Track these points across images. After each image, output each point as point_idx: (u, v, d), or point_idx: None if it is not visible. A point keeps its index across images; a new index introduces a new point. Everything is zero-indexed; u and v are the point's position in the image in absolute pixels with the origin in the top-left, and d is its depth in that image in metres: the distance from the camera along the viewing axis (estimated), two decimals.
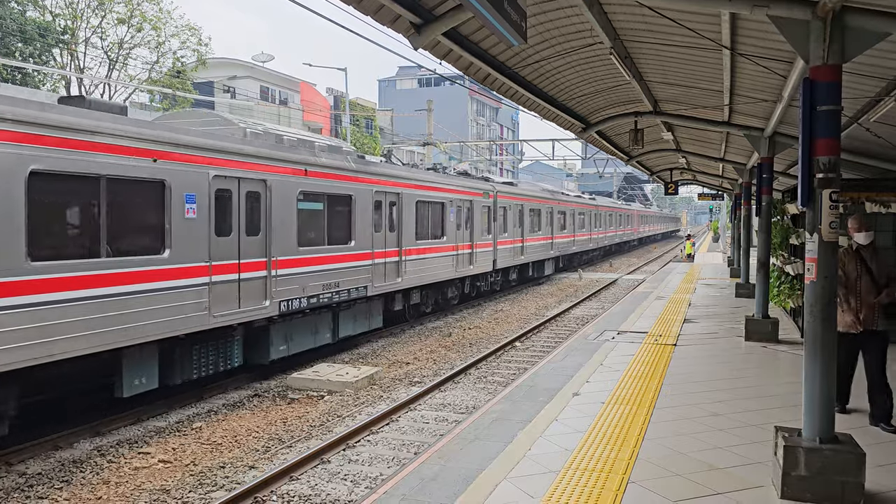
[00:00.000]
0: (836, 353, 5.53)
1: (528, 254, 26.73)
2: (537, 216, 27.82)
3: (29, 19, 29.74)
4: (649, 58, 9.74)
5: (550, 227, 29.66)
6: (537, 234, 27.87)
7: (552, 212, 29.89)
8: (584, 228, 37.02)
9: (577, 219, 35.00)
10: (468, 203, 20.52)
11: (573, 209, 34.34)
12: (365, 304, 14.92)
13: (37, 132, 7.98)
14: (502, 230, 23.72)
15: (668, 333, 13.26)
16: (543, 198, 29.06)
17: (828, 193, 5.37)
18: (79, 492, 7.47)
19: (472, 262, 20.59)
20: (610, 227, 46.37)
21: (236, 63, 42.75)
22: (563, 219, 32.14)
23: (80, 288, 8.41)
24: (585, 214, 37.53)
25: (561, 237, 31.50)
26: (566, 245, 32.94)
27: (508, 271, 25.93)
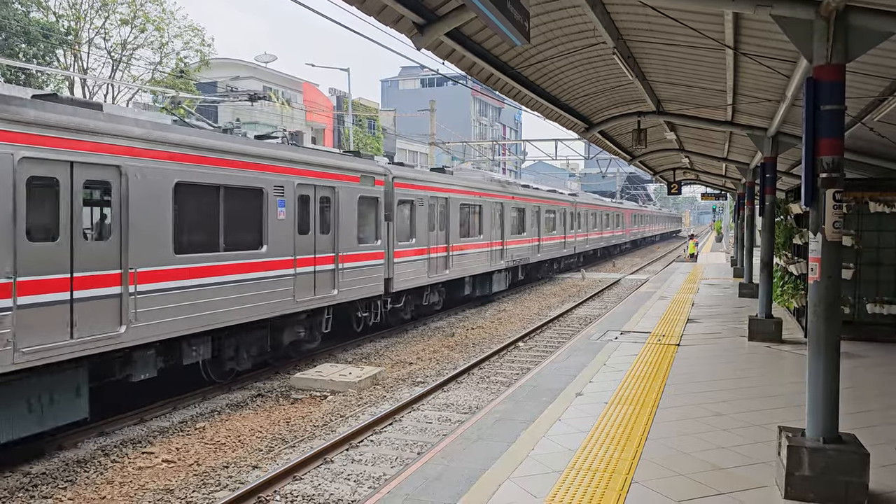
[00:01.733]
0: (839, 352, 5.52)
1: (461, 266, 19.92)
2: (475, 214, 21.41)
3: (32, 20, 29.80)
4: (652, 57, 9.74)
5: (500, 230, 23.25)
6: (474, 240, 21.07)
7: (502, 209, 23.43)
8: (555, 230, 30.36)
9: (543, 218, 28.37)
10: (328, 190, 13.53)
11: (537, 206, 27.62)
12: None
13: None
14: (406, 235, 16.81)
15: (672, 333, 13.25)
16: (486, 190, 22.34)
17: (831, 193, 5.36)
18: (83, 491, 7.49)
19: (314, 287, 12.96)
20: (594, 229, 39.51)
21: (239, 63, 42.79)
22: (522, 218, 25.79)
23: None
24: (557, 213, 30.86)
25: (518, 242, 25.06)
26: (526, 252, 26.12)
27: (421, 293, 18.10)
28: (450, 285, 19.94)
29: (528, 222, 26.38)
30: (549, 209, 29.67)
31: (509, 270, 24.53)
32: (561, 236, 31.59)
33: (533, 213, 27.11)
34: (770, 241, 12.90)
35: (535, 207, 27.34)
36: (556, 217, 30.67)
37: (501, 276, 23.78)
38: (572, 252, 34.19)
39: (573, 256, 35.48)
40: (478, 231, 21.49)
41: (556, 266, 32.38)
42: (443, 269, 18.79)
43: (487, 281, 22.48)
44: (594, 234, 39.73)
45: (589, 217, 38.01)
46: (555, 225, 30.51)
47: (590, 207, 38.46)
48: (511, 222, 24.37)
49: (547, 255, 29.31)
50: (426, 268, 17.81)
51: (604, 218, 42.69)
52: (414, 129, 58.25)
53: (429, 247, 17.87)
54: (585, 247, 37.47)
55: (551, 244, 29.96)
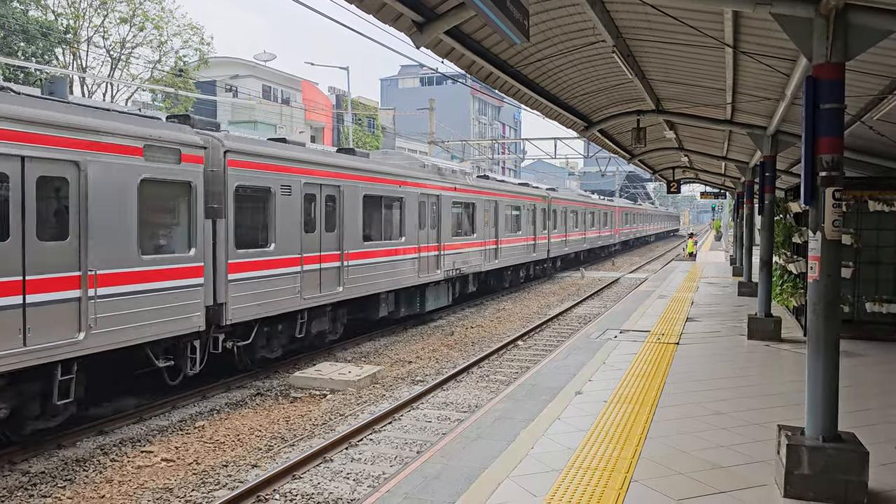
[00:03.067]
0: (838, 351, 5.52)
1: (366, 279, 14.64)
2: (392, 209, 16.04)
3: (31, 18, 29.77)
4: (652, 56, 9.73)
5: (436, 231, 18.15)
6: (390, 244, 15.70)
7: (438, 204, 18.11)
8: (520, 231, 25.54)
9: (503, 216, 23.59)
10: None
11: (493, 201, 22.55)
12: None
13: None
14: (252, 241, 11.58)
15: (671, 332, 13.25)
16: (411, 178, 16.75)
17: (831, 192, 5.36)
18: (82, 490, 7.48)
19: None
20: (575, 229, 34.40)
21: (238, 62, 42.78)
22: (471, 215, 20.68)
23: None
24: (524, 210, 25.96)
25: (464, 245, 19.99)
26: (477, 257, 21.05)
27: (294, 320, 12.68)
28: (351, 305, 14.71)
29: (481, 221, 21.39)
30: (513, 205, 24.94)
31: (452, 282, 19.62)
32: (529, 237, 26.67)
33: (488, 209, 22.19)
34: (769, 239, 12.90)
35: (489, 203, 22.33)
36: (521, 215, 25.80)
37: (440, 290, 18.71)
38: (545, 256, 29.03)
39: (546, 261, 30.17)
40: (397, 232, 16.14)
41: (524, 273, 27.13)
42: (333, 286, 13.33)
43: (416, 297, 17.53)
44: (575, 235, 34.48)
45: (569, 215, 33.13)
46: (520, 224, 25.68)
47: (570, 204, 33.61)
48: (453, 221, 19.28)
49: (509, 260, 24.26)
50: (298, 284, 12.27)
51: (588, 216, 37.70)
52: (413, 127, 58.24)
53: (302, 256, 12.38)
54: (563, 250, 32.25)
55: (514, 247, 24.92)
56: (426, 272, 17.52)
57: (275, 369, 12.71)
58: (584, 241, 37.04)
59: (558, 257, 32.43)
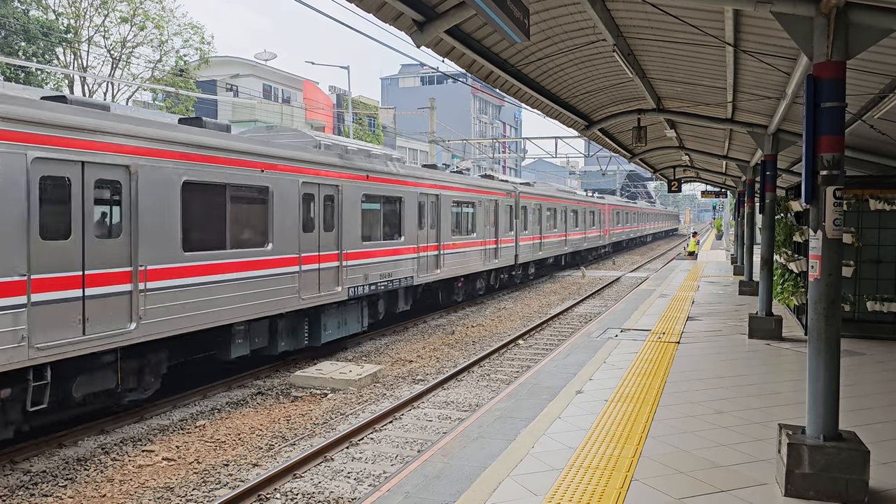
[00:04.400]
0: (839, 350, 5.52)
1: (208, 303, 10.38)
2: (246, 205, 11.52)
3: (32, 18, 29.79)
4: (652, 55, 9.72)
5: (335, 234, 13.75)
6: (252, 254, 11.36)
7: (337, 198, 13.71)
8: (473, 233, 20.89)
9: (445, 214, 18.80)
10: None
11: (434, 195, 18.10)
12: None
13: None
14: None
15: (672, 331, 13.25)
16: (291, 161, 12.41)
17: (832, 190, 5.35)
18: (83, 489, 7.49)
19: None
20: (553, 230, 29.83)
21: (239, 61, 42.79)
22: (395, 214, 16.25)
23: None
24: (479, 207, 21.33)
25: (382, 252, 15.40)
26: (407, 267, 16.57)
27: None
28: (173, 345, 10.32)
29: (412, 221, 16.84)
30: (463, 200, 20.09)
31: (367, 300, 15.22)
32: (488, 241, 22.11)
33: (424, 206, 17.56)
34: (770, 238, 12.90)
35: (426, 198, 17.69)
36: (477, 213, 21.19)
37: (347, 313, 14.37)
38: (511, 262, 24.48)
39: (514, 268, 25.77)
40: (259, 237, 11.59)
41: (483, 284, 22.86)
42: (122, 320, 8.92)
43: (303, 324, 13.08)
44: (552, 237, 29.61)
45: (544, 214, 28.42)
46: (473, 225, 20.96)
47: (545, 201, 28.70)
48: (366, 221, 14.80)
49: (457, 269, 19.62)
50: (73, 317, 8.30)
51: (570, 215, 32.94)
52: (414, 126, 58.25)
53: (83, 272, 8.46)
54: (536, 254, 27.33)
55: (466, 254, 20.26)
56: (314, 290, 12.83)
57: (276, 368, 12.73)
58: (566, 243, 32.20)
59: (530, 263, 27.48)
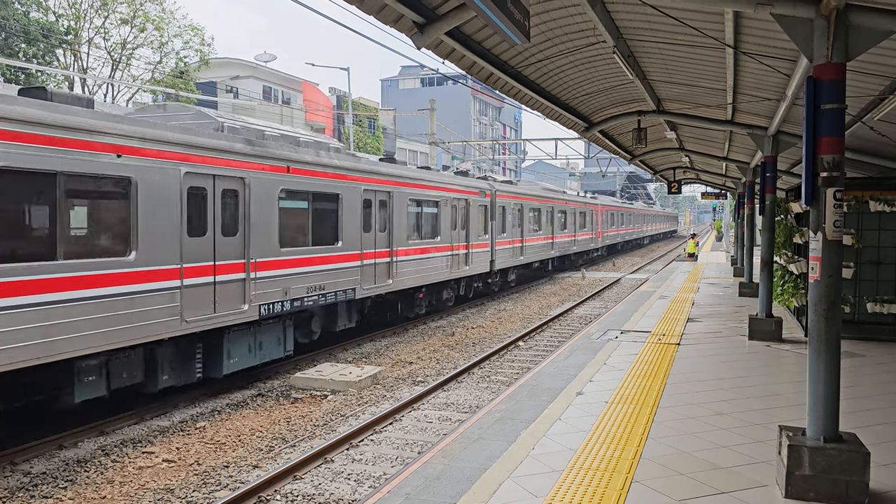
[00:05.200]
0: (839, 351, 5.52)
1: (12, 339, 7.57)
2: (102, 201, 9.12)
3: (32, 20, 29.81)
4: (652, 56, 9.73)
5: (241, 238, 11.23)
6: (112, 264, 8.87)
7: (244, 191, 11.27)
8: (437, 237, 18.14)
9: (398, 214, 16.04)
10: None
11: (371, 190, 14.90)
12: None
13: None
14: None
15: (672, 332, 13.25)
16: (159, 144, 9.59)
17: (832, 192, 5.36)
18: (83, 491, 7.49)
19: None
20: (536, 233, 27.29)
21: (239, 63, 42.82)
22: (319, 214, 13.35)
23: None
24: (444, 207, 18.49)
25: (303, 261, 12.70)
26: (340, 280, 13.78)
27: None
28: None
29: (352, 222, 14.12)
30: (422, 199, 17.29)
31: (290, 319, 12.62)
32: (457, 245, 19.27)
33: (367, 204, 14.70)
34: (770, 240, 12.90)
35: (373, 194, 14.93)
36: (441, 213, 18.30)
37: (266, 335, 11.92)
38: (485, 269, 21.68)
39: (490, 275, 22.73)
40: (122, 245, 9.20)
41: (451, 294, 19.77)
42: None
43: (195, 351, 10.63)
44: (535, 240, 27.04)
45: (526, 215, 25.71)
46: (436, 227, 18.13)
47: (526, 200, 25.92)
48: (285, 222, 12.22)
49: (414, 278, 16.85)
50: None
51: (557, 216, 30.16)
52: (414, 128, 58.25)
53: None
54: (517, 259, 24.83)
55: (427, 261, 17.49)
56: (206, 310, 10.30)
57: (276, 370, 12.73)
58: (552, 247, 29.41)
59: (510, 269, 24.91)
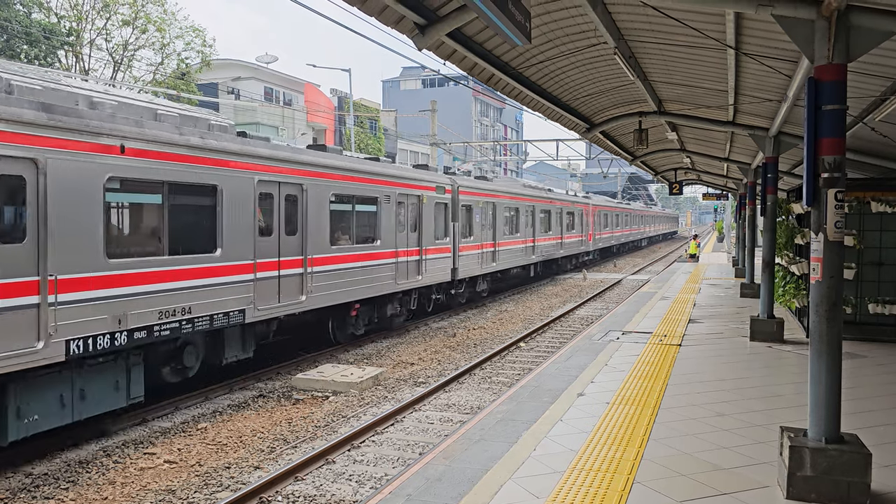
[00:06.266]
0: (841, 353, 5.51)
1: None
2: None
3: (34, 21, 29.86)
4: (653, 57, 9.74)
5: (34, 252, 7.92)
6: None
7: (75, 184, 8.39)
8: (373, 241, 14.94)
9: (315, 213, 13.06)
10: None
11: (276, 182, 11.99)
12: None
13: None
14: None
15: (673, 333, 13.24)
16: None
17: (833, 193, 5.36)
18: (85, 492, 7.49)
19: None
20: (513, 234, 24.33)
21: (240, 64, 42.84)
22: (200, 213, 10.52)
23: None
24: (384, 203, 15.33)
25: (160, 274, 9.56)
26: (223, 299, 10.66)
27: None
28: None
29: (235, 225, 10.99)
30: (356, 195, 14.39)
31: (137, 355, 9.54)
32: (404, 251, 16.14)
33: (263, 201, 11.69)
34: (772, 241, 12.90)
35: (272, 189, 11.88)
36: (379, 213, 15.19)
37: (92, 381, 8.88)
38: (447, 279, 18.71)
39: (456, 284, 19.80)
40: None
41: (398, 309, 16.55)
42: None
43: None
44: (512, 244, 24.13)
45: (499, 215, 22.69)
46: (375, 229, 15.09)
47: (501, 198, 22.99)
48: (117, 226, 9.48)
49: (341, 293, 13.75)
50: None
51: (540, 217, 27.42)
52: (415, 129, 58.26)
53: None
54: (488, 265, 21.75)
55: (358, 270, 14.32)
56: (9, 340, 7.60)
57: (277, 371, 12.73)
58: (533, 251, 26.47)
59: (479, 278, 21.71)
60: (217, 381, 11.67)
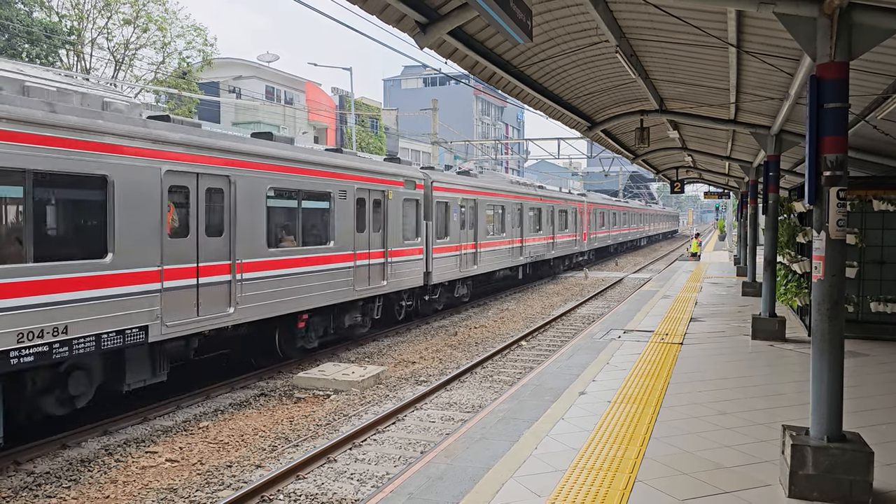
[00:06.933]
0: (843, 351, 5.51)
1: None
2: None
3: (35, 20, 29.89)
4: (655, 56, 9.73)
5: None
6: None
7: None
8: (323, 243, 13.22)
9: (242, 211, 10.99)
10: None
11: (198, 175, 10.10)
12: None
13: None
14: None
15: (675, 332, 13.23)
16: None
17: (835, 191, 5.35)
18: (86, 490, 7.50)
19: None
20: (498, 234, 22.76)
21: (242, 63, 42.85)
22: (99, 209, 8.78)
23: None
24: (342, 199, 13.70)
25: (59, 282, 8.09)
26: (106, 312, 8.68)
27: None
28: None
29: (133, 225, 9.14)
30: (301, 189, 12.57)
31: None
32: (365, 253, 14.59)
33: (174, 194, 9.86)
34: (773, 239, 12.88)
35: (186, 181, 10.02)
36: (332, 211, 13.44)
37: None
38: (418, 283, 17.15)
39: (429, 289, 18.20)
40: None
41: (354, 319, 14.80)
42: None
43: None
44: (496, 244, 22.63)
45: (483, 212, 21.36)
46: (326, 229, 13.37)
47: (483, 195, 21.47)
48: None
49: (282, 302, 11.94)
50: None
51: (529, 215, 26.12)
52: (416, 128, 58.23)
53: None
54: (467, 269, 20.13)
55: (304, 276, 12.54)
56: None
57: (278, 370, 12.74)
58: (521, 252, 25.04)
59: (458, 282, 20.05)
60: (222, 378, 11.68)
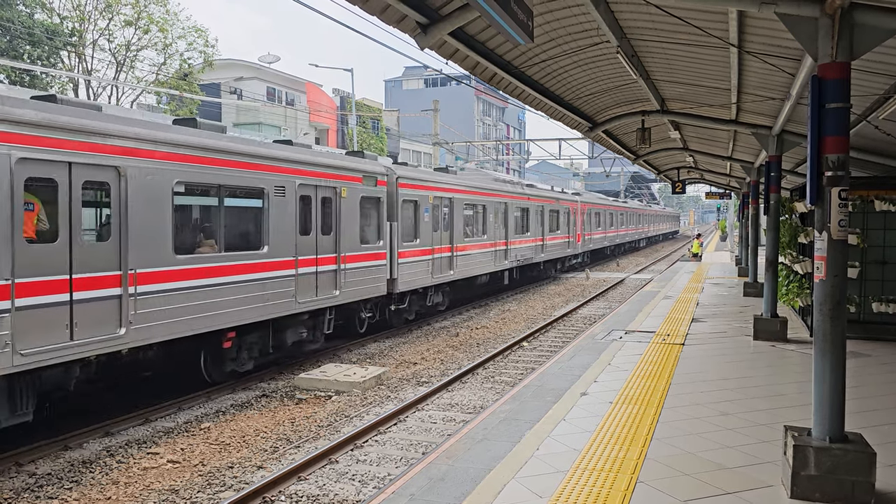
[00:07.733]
0: (845, 351, 5.50)
1: None
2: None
3: (37, 22, 29.91)
4: (656, 56, 9.72)
5: None
6: None
7: None
8: (256, 248, 11.41)
9: (147, 210, 9.33)
10: None
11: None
12: None
13: None
14: None
15: (676, 333, 13.22)
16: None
17: (837, 191, 5.34)
18: (88, 492, 7.50)
19: None
20: (479, 236, 21.15)
21: (243, 64, 42.88)
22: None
23: None
24: (281, 196, 11.82)
25: None
26: None
27: None
28: None
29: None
30: (228, 185, 10.85)
31: None
32: (313, 259, 12.83)
33: (47, 189, 8.15)
34: (775, 239, 12.87)
35: (44, 169, 7.98)
36: (268, 210, 11.64)
37: None
38: (379, 293, 15.31)
39: (395, 298, 16.40)
40: None
41: (300, 334, 12.85)
42: None
43: None
44: (477, 247, 20.96)
45: (459, 212, 19.54)
46: (259, 231, 11.63)
47: (460, 193, 19.68)
48: None
49: (188, 321, 9.96)
50: None
51: (515, 215, 24.39)
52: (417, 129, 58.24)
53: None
54: (440, 275, 18.27)
55: (225, 289, 10.66)
56: None
57: (280, 371, 12.74)
58: (505, 255, 23.24)
59: (430, 289, 18.23)
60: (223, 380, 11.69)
